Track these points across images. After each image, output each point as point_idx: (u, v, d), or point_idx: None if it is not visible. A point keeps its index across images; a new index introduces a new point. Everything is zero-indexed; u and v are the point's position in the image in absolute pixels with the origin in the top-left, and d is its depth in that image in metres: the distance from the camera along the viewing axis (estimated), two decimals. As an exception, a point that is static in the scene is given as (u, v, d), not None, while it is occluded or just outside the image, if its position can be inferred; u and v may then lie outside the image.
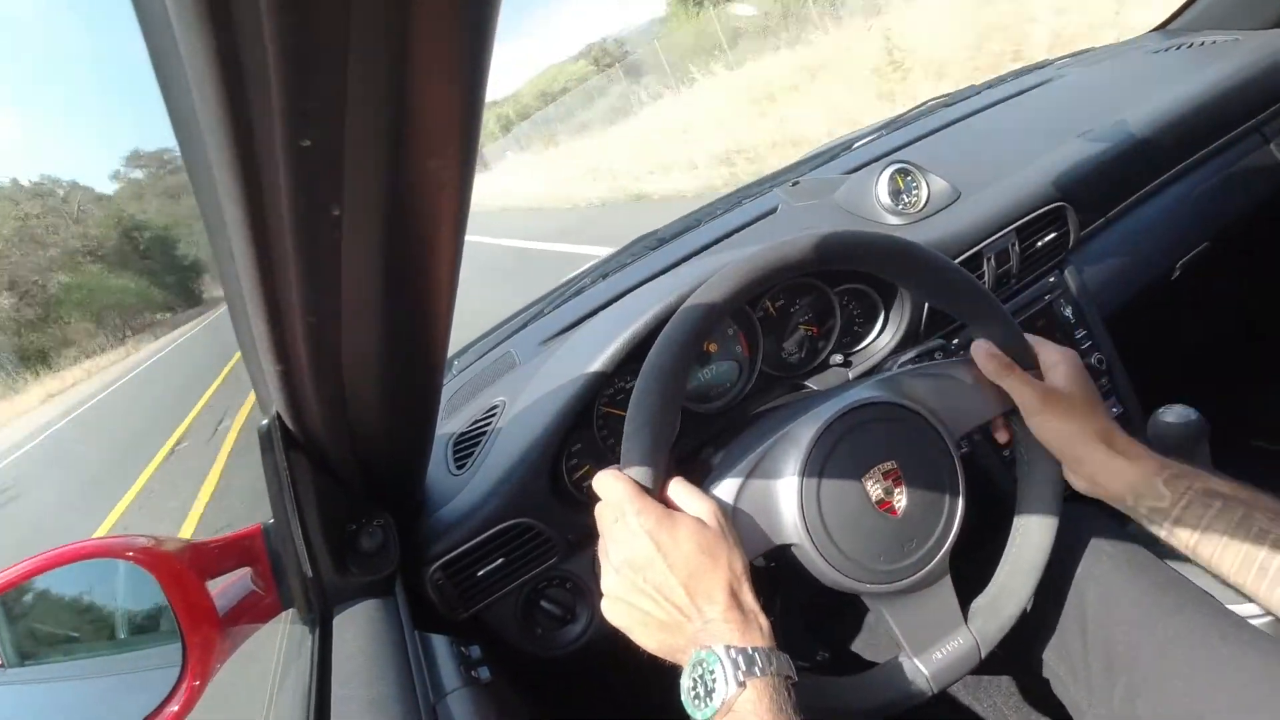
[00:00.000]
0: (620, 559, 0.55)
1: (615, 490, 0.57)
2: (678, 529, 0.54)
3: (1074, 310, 1.05)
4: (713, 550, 0.54)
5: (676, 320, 0.60)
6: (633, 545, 0.55)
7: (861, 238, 0.64)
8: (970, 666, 0.63)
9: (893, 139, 1.33)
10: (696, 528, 0.55)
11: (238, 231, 0.33)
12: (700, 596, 0.53)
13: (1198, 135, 1.16)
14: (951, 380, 0.67)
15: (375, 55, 0.25)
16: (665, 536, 0.54)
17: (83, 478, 8.65)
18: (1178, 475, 0.60)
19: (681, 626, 0.53)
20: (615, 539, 0.56)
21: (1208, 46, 1.35)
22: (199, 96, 0.26)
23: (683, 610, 0.53)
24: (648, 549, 0.54)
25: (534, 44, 40.09)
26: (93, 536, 0.60)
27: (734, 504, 0.60)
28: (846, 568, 0.59)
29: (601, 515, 0.58)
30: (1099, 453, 0.63)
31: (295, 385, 0.48)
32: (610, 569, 0.56)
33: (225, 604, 0.61)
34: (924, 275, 0.68)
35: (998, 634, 0.64)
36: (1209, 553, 0.57)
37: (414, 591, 0.75)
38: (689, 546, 0.53)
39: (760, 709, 0.48)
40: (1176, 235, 1.16)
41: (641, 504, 0.55)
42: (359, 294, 0.39)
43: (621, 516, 0.56)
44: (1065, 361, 0.67)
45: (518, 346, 1.05)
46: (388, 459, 0.67)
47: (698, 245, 1.09)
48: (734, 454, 0.65)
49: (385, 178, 0.31)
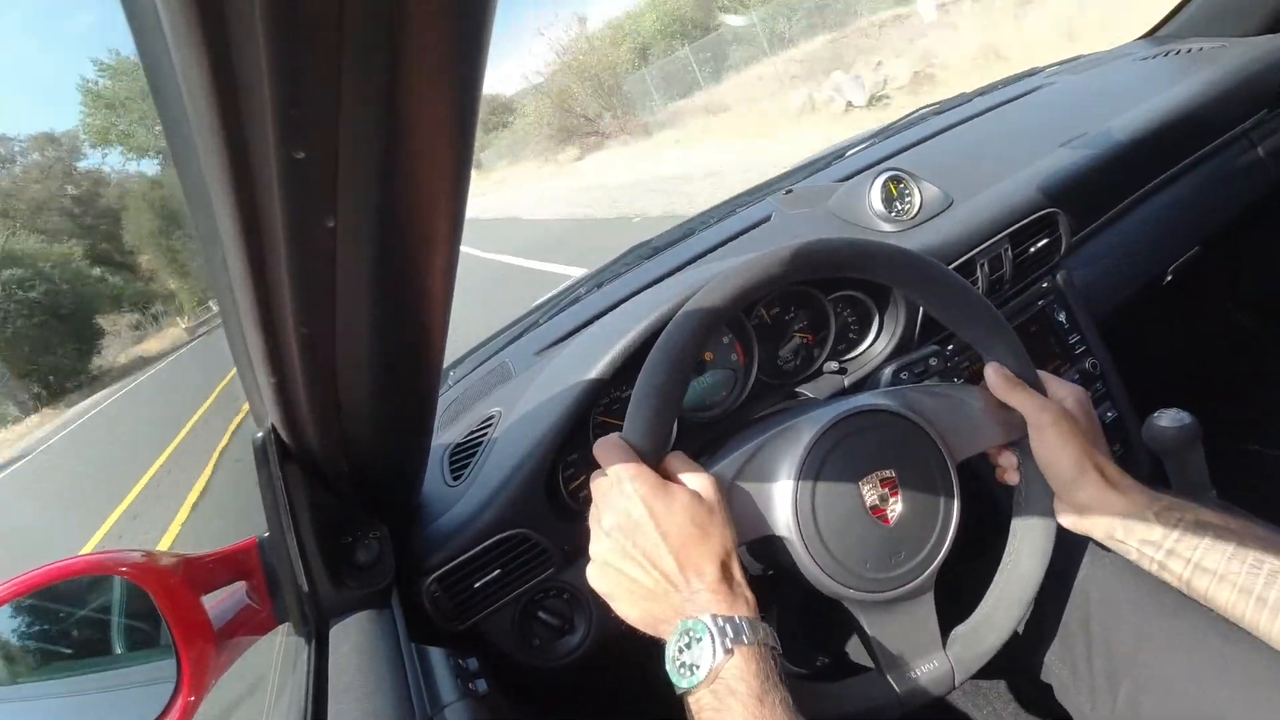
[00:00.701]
0: (612, 523, 0.56)
1: (614, 455, 0.57)
2: (673, 498, 0.54)
3: (1067, 315, 1.05)
4: (705, 524, 0.54)
5: (695, 301, 0.60)
6: (627, 510, 0.55)
7: (903, 256, 0.65)
8: (943, 692, 0.62)
9: (885, 147, 1.34)
10: (691, 499, 0.55)
11: (231, 243, 0.33)
12: (689, 567, 0.53)
13: (1186, 141, 1.17)
14: (960, 403, 0.67)
15: (368, 66, 0.25)
16: (660, 504, 0.54)
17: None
18: (1169, 508, 0.60)
19: (668, 595, 0.53)
20: (609, 503, 0.56)
21: (1195, 53, 1.37)
22: (192, 109, 0.26)
23: (670, 579, 0.53)
24: (641, 515, 0.54)
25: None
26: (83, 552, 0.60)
27: (731, 481, 0.60)
28: (833, 569, 0.59)
29: (597, 481, 0.58)
30: (1093, 483, 0.63)
31: (290, 397, 0.47)
32: (601, 533, 0.57)
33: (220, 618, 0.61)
34: (940, 296, 0.67)
35: (976, 663, 0.63)
36: (1204, 586, 0.57)
37: (410, 603, 0.75)
38: (682, 517, 0.54)
39: (748, 675, 0.48)
40: (1168, 240, 1.16)
41: (638, 470, 0.56)
42: (354, 305, 0.39)
43: (618, 482, 0.56)
44: (1073, 396, 0.67)
45: (513, 357, 1.05)
46: (383, 470, 0.67)
47: (691, 254, 1.10)
48: (734, 445, 0.66)
49: (379, 188, 0.31)
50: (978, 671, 0.63)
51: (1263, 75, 1.23)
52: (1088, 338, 1.05)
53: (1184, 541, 0.58)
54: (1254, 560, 0.55)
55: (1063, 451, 0.63)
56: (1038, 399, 0.65)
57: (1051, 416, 0.64)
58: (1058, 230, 1.04)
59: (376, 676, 0.58)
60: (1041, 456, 0.65)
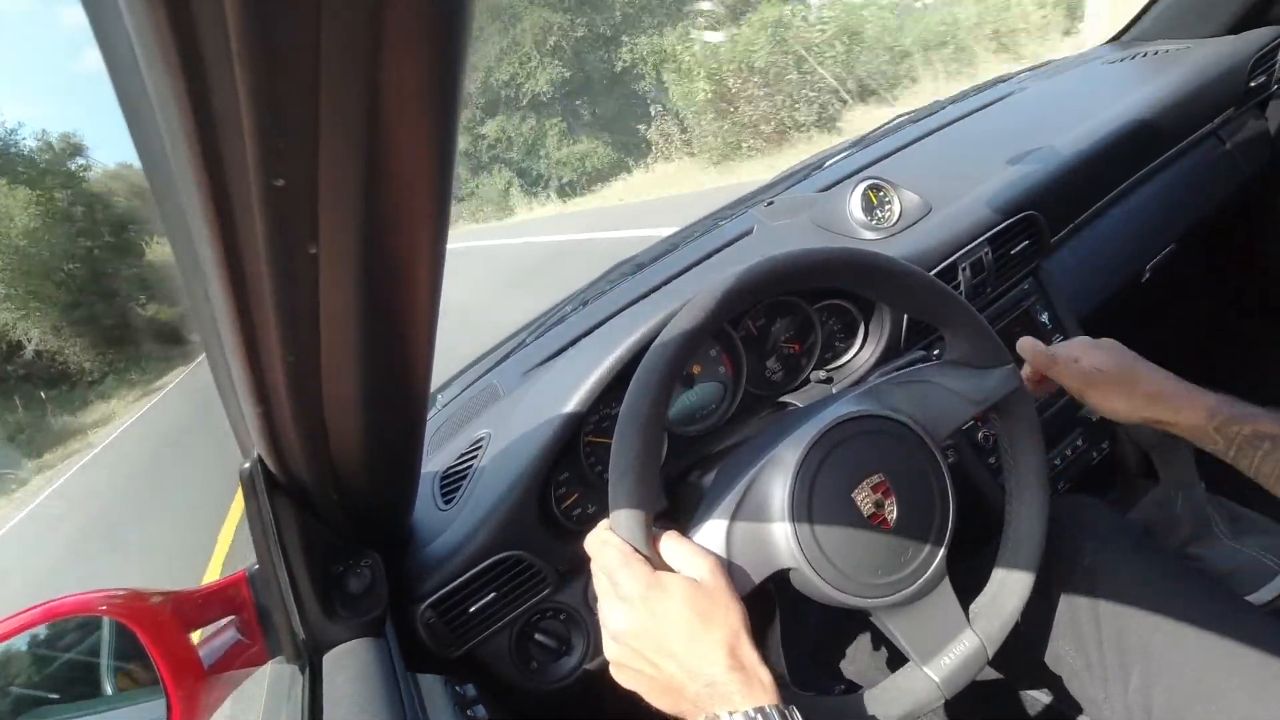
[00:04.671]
0: (615, 628, 0.55)
1: (604, 556, 0.56)
2: (668, 593, 0.54)
3: (1050, 315, 1.06)
4: (707, 611, 0.53)
5: (644, 365, 0.59)
6: (625, 616, 0.54)
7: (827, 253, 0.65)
8: (979, 667, 0.62)
9: (863, 156, 1.35)
10: (688, 589, 0.54)
11: (213, 273, 0.33)
12: (697, 659, 0.52)
13: (1157, 140, 1.19)
14: (928, 385, 0.68)
15: (346, 92, 0.25)
16: (657, 604, 0.53)
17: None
18: (1227, 420, 0.65)
19: (684, 689, 0.53)
20: (609, 608, 0.56)
21: (1161, 55, 1.40)
22: (170, 140, 0.26)
23: (682, 675, 0.53)
24: (639, 619, 0.54)
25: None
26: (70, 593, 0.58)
27: (726, 548, 0.59)
28: (846, 585, 0.59)
29: (596, 580, 0.58)
30: (1150, 414, 0.69)
31: (276, 426, 0.47)
32: (609, 636, 0.56)
33: (210, 654, 0.60)
34: (893, 285, 0.68)
35: (1002, 631, 0.64)
36: (1267, 485, 0.62)
37: (405, 631, 0.74)
38: (681, 610, 0.53)
39: None
40: (1144, 238, 1.18)
41: (629, 570, 0.55)
42: (338, 332, 0.38)
43: (613, 585, 0.55)
44: (1084, 353, 0.74)
45: (501, 378, 1.04)
46: (373, 497, 0.66)
47: (676, 269, 1.10)
48: (720, 485, 0.65)
49: (361, 215, 0.31)
50: (990, 661, 0.63)
51: (1228, 74, 1.26)
52: (1071, 336, 1.06)
53: (1244, 452, 0.64)
54: None
55: (1110, 407, 0.71)
56: (1068, 370, 0.73)
57: (1081, 383, 0.72)
58: (1037, 232, 1.05)
59: (373, 707, 0.57)
60: (1100, 412, 0.72)
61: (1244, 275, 1.51)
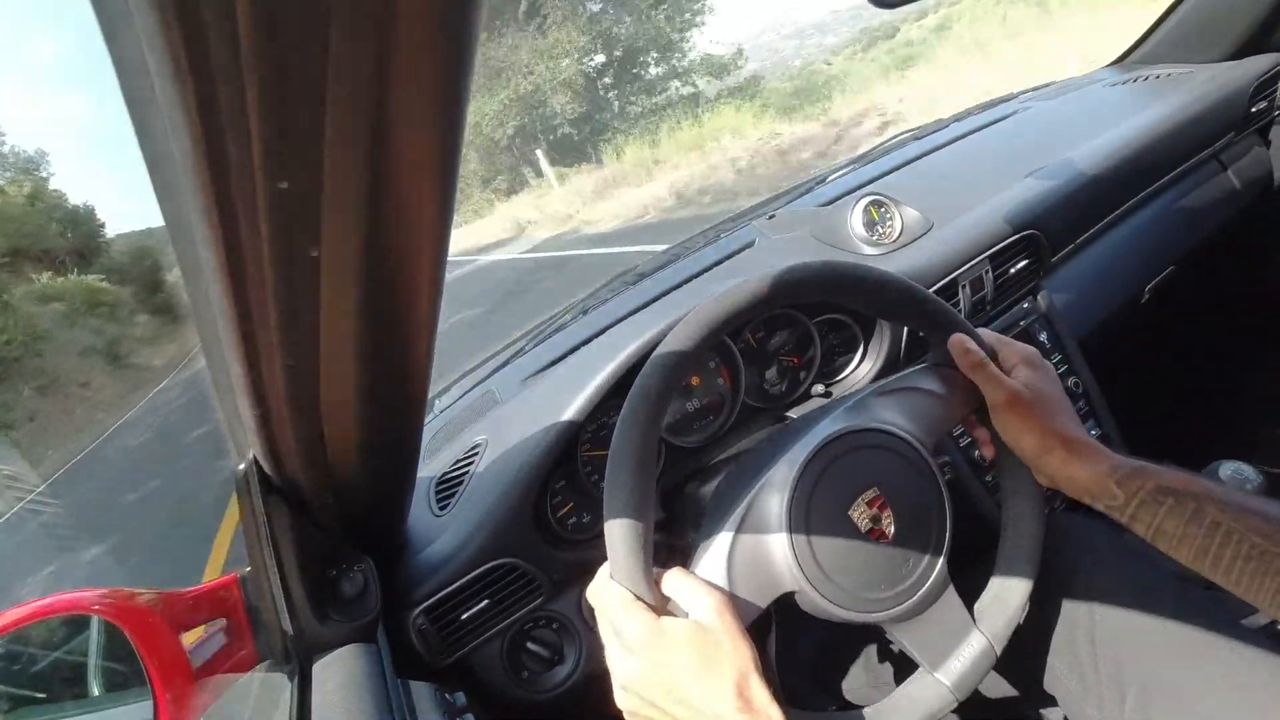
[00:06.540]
0: (625, 679, 0.55)
1: (606, 604, 0.56)
2: (671, 641, 0.53)
3: (1049, 335, 1.06)
4: (713, 653, 0.52)
5: (630, 401, 0.58)
6: (632, 666, 0.54)
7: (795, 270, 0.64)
8: (988, 668, 0.62)
9: (865, 171, 1.36)
10: (691, 632, 0.53)
11: (215, 275, 0.33)
12: (707, 703, 0.51)
13: (1158, 163, 1.20)
14: (914, 391, 0.68)
15: (352, 96, 0.25)
16: (659, 652, 0.53)
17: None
18: (1130, 475, 0.61)
19: None
20: (616, 659, 0.55)
21: (1163, 79, 1.41)
22: (176, 141, 0.26)
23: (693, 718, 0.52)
24: (643, 669, 0.53)
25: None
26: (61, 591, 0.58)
27: (729, 579, 0.58)
28: (850, 602, 0.59)
29: (602, 630, 0.57)
30: (1056, 456, 0.64)
31: (273, 428, 0.47)
32: (619, 687, 0.56)
33: (200, 656, 0.59)
34: (871, 295, 0.67)
35: (1007, 628, 0.63)
36: (1165, 546, 0.59)
37: (396, 637, 0.74)
38: (686, 655, 0.52)
39: None
40: (1144, 260, 1.19)
41: (630, 619, 0.54)
42: (338, 336, 0.38)
43: (616, 635, 0.55)
44: (1024, 364, 0.67)
45: (499, 385, 1.04)
46: (369, 501, 0.66)
47: (676, 280, 1.10)
48: (718, 510, 0.64)
49: (364, 218, 0.31)
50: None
51: (1229, 99, 1.27)
52: (1069, 356, 1.07)
53: (1146, 507, 0.60)
54: (1211, 523, 0.56)
55: (1021, 432, 0.64)
56: (992, 380, 0.66)
57: (1005, 398, 0.65)
58: (1037, 251, 1.05)
59: (362, 713, 0.57)
60: (1004, 438, 0.66)
61: (1242, 298, 1.51)
